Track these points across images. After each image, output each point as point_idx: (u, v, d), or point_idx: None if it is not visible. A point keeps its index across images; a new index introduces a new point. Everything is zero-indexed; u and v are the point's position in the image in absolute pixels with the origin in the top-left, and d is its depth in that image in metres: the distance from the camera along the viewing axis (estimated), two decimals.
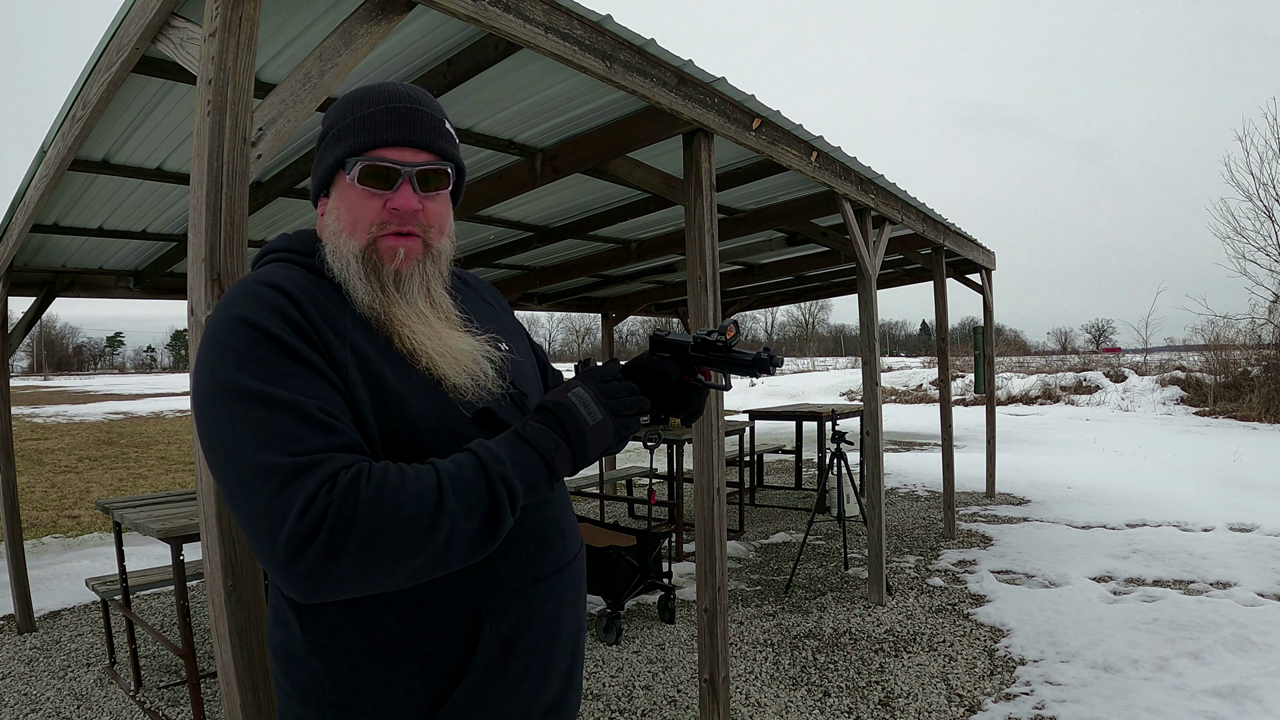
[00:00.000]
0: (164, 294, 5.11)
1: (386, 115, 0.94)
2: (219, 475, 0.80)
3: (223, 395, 0.80)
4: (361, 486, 0.76)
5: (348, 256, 0.93)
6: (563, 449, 0.88)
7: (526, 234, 4.97)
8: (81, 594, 4.60)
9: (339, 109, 0.98)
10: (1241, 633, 3.44)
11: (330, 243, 0.95)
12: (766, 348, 0.99)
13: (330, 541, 0.73)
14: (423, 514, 0.77)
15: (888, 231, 4.45)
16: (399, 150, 0.93)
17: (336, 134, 0.96)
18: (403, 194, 0.94)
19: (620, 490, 7.11)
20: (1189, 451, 10.00)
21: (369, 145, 0.93)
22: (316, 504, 0.74)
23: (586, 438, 0.89)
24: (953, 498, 5.75)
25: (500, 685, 0.92)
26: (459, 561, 0.81)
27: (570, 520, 1.06)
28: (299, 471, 0.75)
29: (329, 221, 0.97)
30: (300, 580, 0.74)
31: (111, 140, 2.76)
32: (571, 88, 2.65)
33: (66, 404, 23.46)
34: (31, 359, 71.94)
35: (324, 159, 0.98)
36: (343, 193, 0.96)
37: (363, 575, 0.75)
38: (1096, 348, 57.75)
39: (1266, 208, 15.98)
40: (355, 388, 0.86)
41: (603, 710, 2.98)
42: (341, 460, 0.78)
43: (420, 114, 0.95)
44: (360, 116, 0.94)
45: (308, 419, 0.79)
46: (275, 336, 0.83)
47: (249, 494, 0.76)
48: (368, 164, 0.93)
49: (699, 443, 2.75)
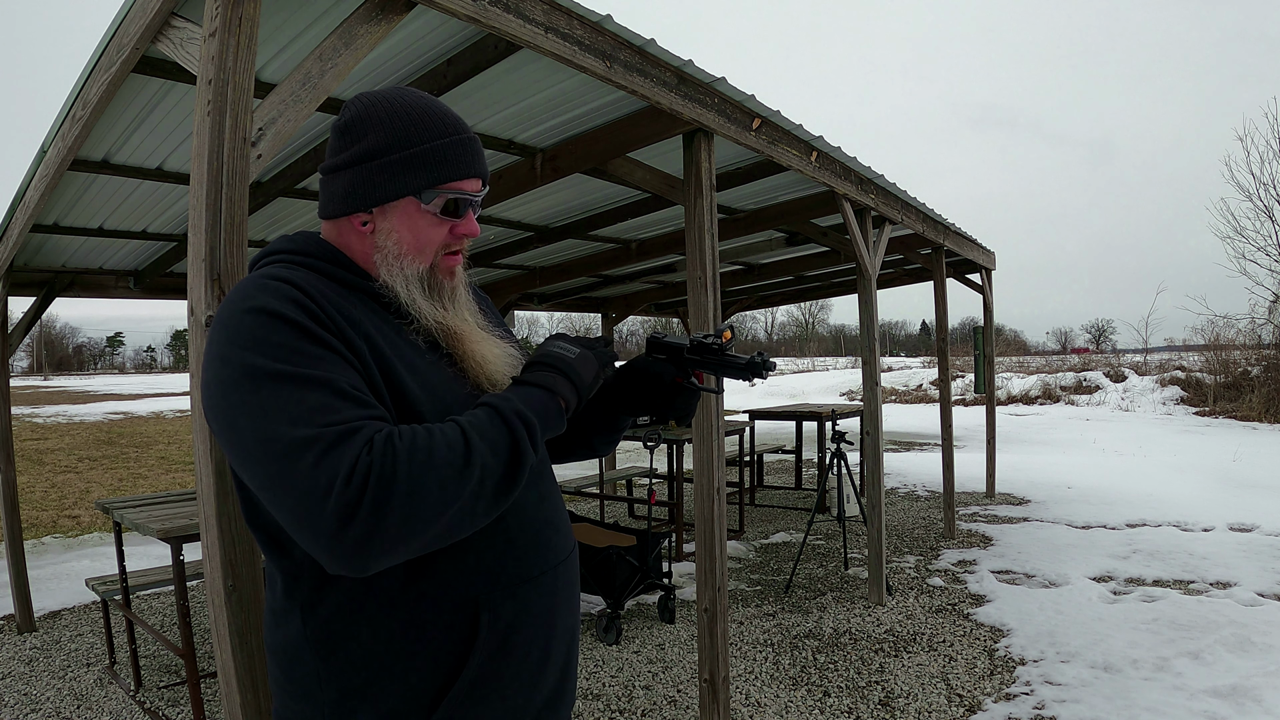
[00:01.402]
0: (164, 294, 5.11)
1: (461, 148, 0.98)
2: (249, 461, 0.79)
3: (249, 382, 0.80)
4: (397, 442, 0.78)
5: (410, 277, 0.97)
6: (560, 380, 0.96)
7: (526, 234, 4.97)
8: (81, 594, 4.60)
9: (399, 130, 0.95)
10: (1241, 633, 3.44)
11: (389, 264, 0.97)
12: (760, 352, 1.01)
13: (376, 499, 0.74)
14: (455, 460, 0.80)
15: (888, 231, 4.45)
16: (471, 182, 0.99)
17: (406, 160, 0.94)
18: (469, 222, 1.00)
19: (620, 490, 7.11)
20: (1189, 451, 10.00)
21: (451, 178, 0.97)
22: (359, 466, 0.75)
23: (575, 366, 0.98)
24: (953, 498, 5.75)
25: (498, 680, 0.93)
26: (487, 507, 0.83)
27: (564, 518, 1.09)
28: (339, 440, 0.76)
29: (385, 243, 0.97)
30: (351, 546, 0.75)
31: (111, 140, 2.76)
32: (571, 88, 2.65)
33: (66, 404, 23.46)
34: (31, 359, 71.95)
35: (385, 181, 0.95)
36: (410, 218, 0.97)
37: (408, 532, 0.76)
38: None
39: (1266, 207, 16.02)
40: (373, 375, 0.88)
41: (603, 710, 2.98)
42: (375, 426, 0.80)
43: (478, 145, 1.01)
44: (436, 147, 0.96)
45: (339, 393, 0.80)
46: (296, 322, 0.83)
47: (290, 470, 0.76)
48: (451, 198, 0.97)
49: (699, 443, 2.75)
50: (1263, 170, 22.81)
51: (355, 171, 0.96)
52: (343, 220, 0.99)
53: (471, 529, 0.84)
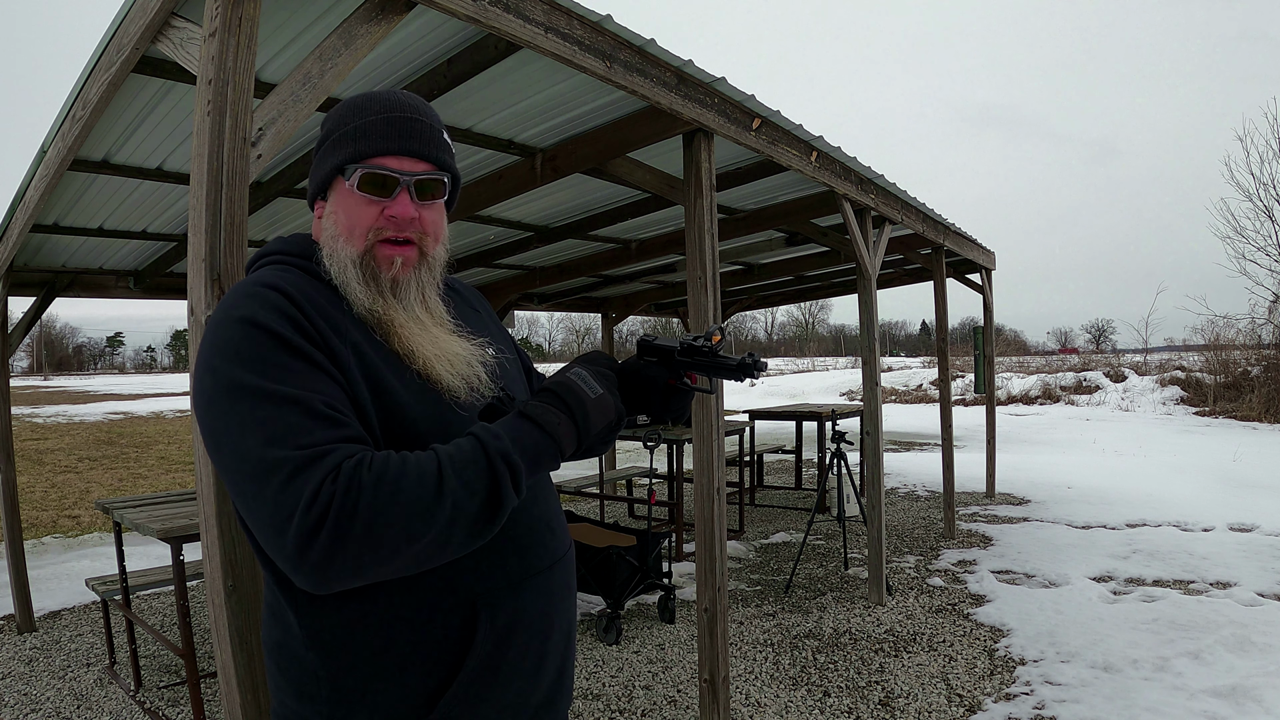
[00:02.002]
0: (164, 294, 5.11)
1: (387, 124, 0.95)
2: (226, 473, 0.81)
3: (228, 394, 0.81)
4: (364, 474, 0.77)
5: (345, 261, 0.95)
6: (565, 423, 0.90)
7: (526, 234, 4.97)
8: (81, 594, 4.60)
9: (339, 114, 0.99)
10: (1241, 633, 3.44)
11: (328, 246, 0.97)
12: (751, 353, 1.01)
13: (335, 530, 0.74)
14: (425, 495, 0.78)
15: (888, 231, 4.45)
16: (398, 159, 0.95)
17: (337, 140, 0.97)
18: (400, 202, 0.96)
19: (620, 490, 7.11)
20: (1189, 451, 10.00)
21: (369, 153, 0.95)
22: (322, 494, 0.75)
23: (588, 410, 0.92)
24: (953, 498, 5.75)
25: (496, 679, 0.93)
26: (462, 544, 0.82)
27: (560, 518, 1.09)
28: (306, 464, 0.76)
29: (326, 225, 0.98)
30: (311, 571, 0.75)
31: (111, 140, 2.76)
32: (571, 88, 2.65)
33: (66, 404, 23.46)
34: (31, 359, 71.96)
35: (323, 163, 0.99)
36: (341, 198, 0.97)
37: (369, 561, 0.76)
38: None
39: (1266, 207, 16.00)
40: (357, 386, 0.88)
41: (603, 710, 2.98)
42: (346, 450, 0.79)
43: (420, 124, 0.97)
44: (361, 124, 0.96)
45: (313, 414, 0.80)
46: (278, 334, 0.84)
47: (258, 489, 0.77)
48: (367, 171, 0.95)
49: (699, 443, 2.75)
50: (1263, 170, 22.82)
51: (314, 163, 1.01)
52: (315, 214, 1.03)
53: (448, 559, 0.83)
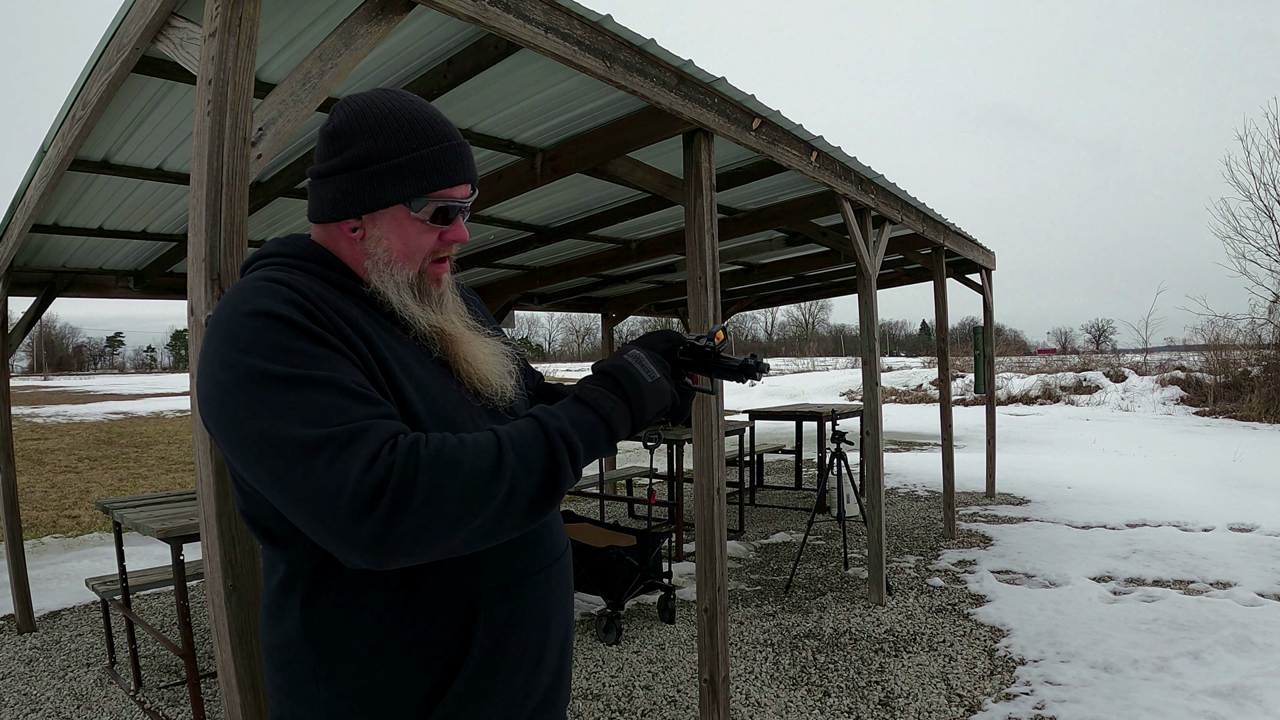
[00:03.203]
0: (164, 294, 5.11)
1: (452, 155, 0.96)
2: (260, 467, 0.78)
3: (253, 385, 0.79)
4: (422, 448, 0.77)
5: (400, 282, 0.97)
6: (620, 407, 0.91)
7: (526, 234, 4.97)
8: (81, 594, 4.60)
9: (391, 136, 0.94)
10: (1241, 633, 3.44)
11: (379, 271, 0.97)
12: (753, 354, 1.01)
13: (394, 500, 0.74)
14: (483, 471, 0.78)
15: (888, 231, 4.45)
16: (460, 189, 0.98)
17: (399, 167, 0.94)
18: (458, 228, 0.99)
19: (620, 490, 7.11)
20: (1189, 451, 10.00)
21: (440, 186, 0.95)
22: (379, 463, 0.74)
23: (644, 395, 0.93)
24: (953, 498, 5.75)
25: (494, 679, 0.93)
26: (518, 523, 0.82)
27: (557, 518, 1.09)
28: (351, 439, 0.76)
29: (375, 250, 0.96)
30: (367, 544, 0.74)
31: (111, 140, 2.76)
32: (571, 88, 2.65)
33: (66, 404, 23.45)
34: (31, 359, 71.95)
35: (376, 188, 0.94)
36: (400, 225, 0.96)
37: (427, 535, 0.76)
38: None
39: (1267, 207, 16.01)
40: (374, 373, 0.88)
41: (603, 710, 2.98)
42: (393, 426, 0.79)
43: (468, 151, 1.00)
44: (426, 155, 0.94)
45: (347, 392, 0.79)
46: (296, 323, 0.83)
47: (303, 470, 0.75)
48: (441, 205, 0.96)
49: (699, 443, 2.75)
50: (1263, 170, 22.86)
51: (345, 178, 0.95)
52: (333, 225, 0.98)
53: (499, 540, 0.82)
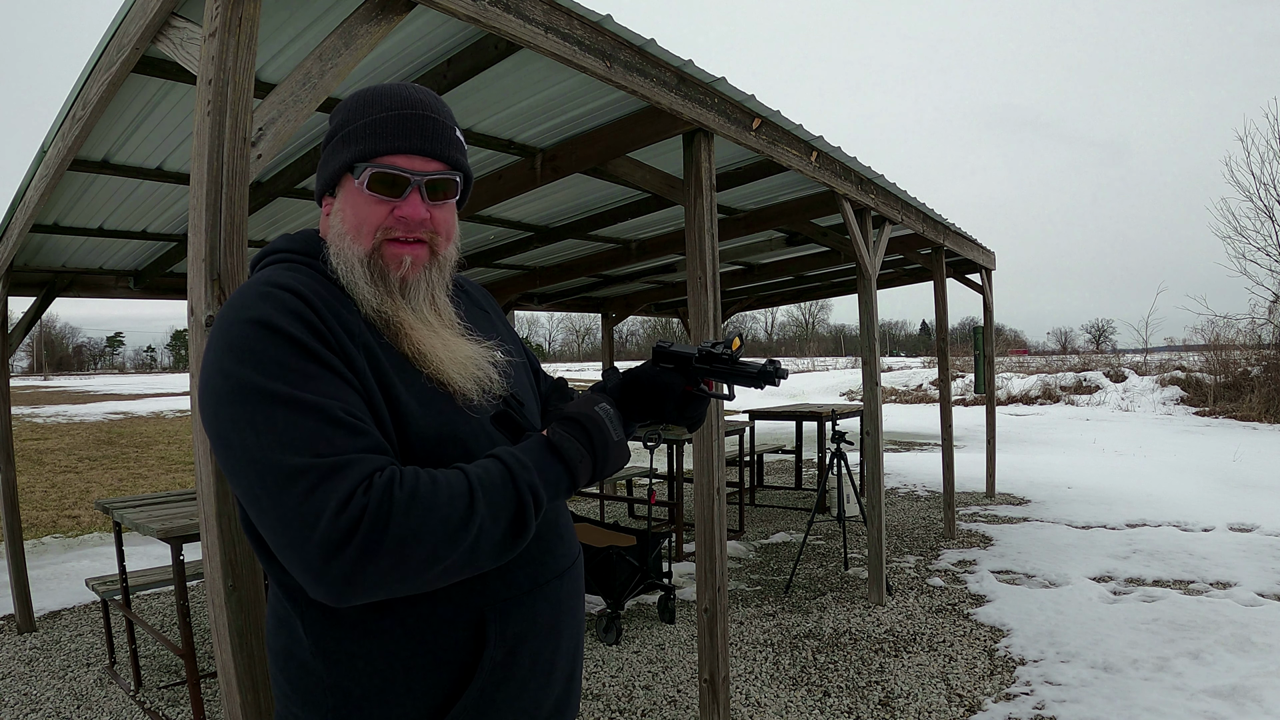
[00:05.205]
0: (164, 294, 5.11)
1: (399, 122, 0.92)
2: (240, 481, 0.78)
3: (242, 399, 0.78)
4: (396, 489, 0.76)
5: (352, 259, 0.92)
6: (585, 461, 0.89)
7: (526, 234, 4.97)
8: (81, 594, 4.60)
9: (349, 109, 0.96)
10: (1241, 633, 3.44)
11: (335, 244, 0.95)
12: (772, 360, 0.97)
13: (367, 542, 0.73)
14: (455, 518, 0.77)
15: (888, 231, 4.45)
16: (410, 158, 0.92)
17: (346, 136, 0.94)
18: (411, 203, 0.93)
19: (620, 490, 7.11)
20: (1189, 451, 10.00)
21: (380, 151, 0.92)
22: (353, 504, 0.73)
23: (610, 453, 0.91)
24: (953, 498, 5.75)
25: (505, 690, 0.92)
26: (483, 565, 0.81)
27: (568, 524, 1.07)
28: (330, 473, 0.74)
29: (334, 223, 0.96)
30: (334, 583, 0.73)
31: (111, 140, 2.76)
32: (571, 88, 2.65)
33: (66, 404, 23.44)
34: (31, 359, 71.94)
35: (332, 160, 0.96)
36: (349, 196, 0.94)
37: (395, 577, 0.75)
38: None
39: (1267, 207, 16.02)
40: (372, 390, 0.86)
41: (603, 710, 2.98)
42: (373, 462, 0.78)
43: (432, 122, 0.94)
44: (372, 120, 0.93)
45: (333, 421, 0.78)
46: (294, 339, 0.81)
47: (277, 498, 0.74)
48: (377, 171, 0.91)
49: (699, 443, 2.75)
50: (1263, 170, 22.91)
51: (321, 158, 0.98)
52: (324, 211, 1.00)
53: (461, 578, 0.82)
